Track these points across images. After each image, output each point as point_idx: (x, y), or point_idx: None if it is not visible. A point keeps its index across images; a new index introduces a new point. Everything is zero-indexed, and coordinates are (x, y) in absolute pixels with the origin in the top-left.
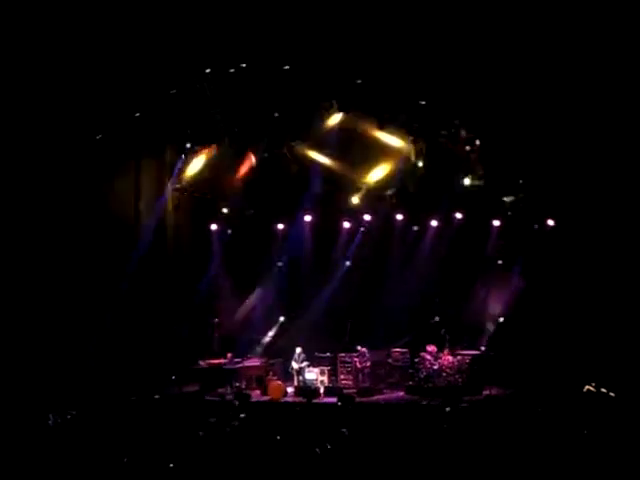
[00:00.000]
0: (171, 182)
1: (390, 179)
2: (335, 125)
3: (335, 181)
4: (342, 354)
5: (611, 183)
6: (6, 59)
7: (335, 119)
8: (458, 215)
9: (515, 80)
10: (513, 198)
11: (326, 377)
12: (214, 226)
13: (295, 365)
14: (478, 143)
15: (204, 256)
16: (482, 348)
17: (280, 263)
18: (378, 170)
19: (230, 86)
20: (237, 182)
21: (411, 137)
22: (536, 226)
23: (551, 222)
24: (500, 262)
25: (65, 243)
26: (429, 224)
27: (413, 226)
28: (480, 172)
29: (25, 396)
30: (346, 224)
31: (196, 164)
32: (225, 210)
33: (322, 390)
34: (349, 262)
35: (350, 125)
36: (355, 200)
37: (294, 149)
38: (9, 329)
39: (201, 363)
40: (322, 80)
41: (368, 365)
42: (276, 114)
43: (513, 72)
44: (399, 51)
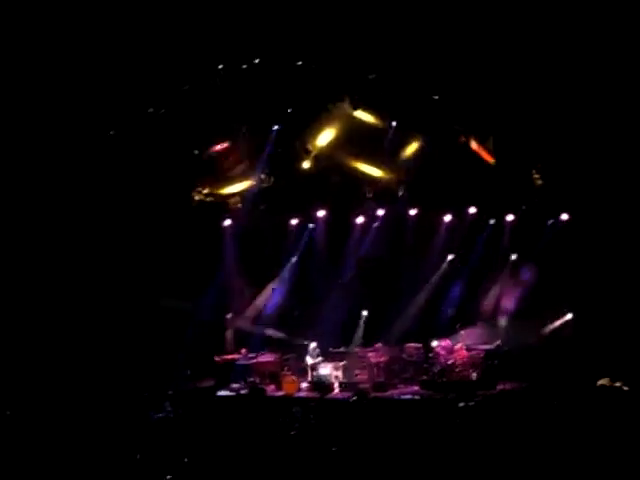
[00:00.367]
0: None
1: (403, 174)
2: (347, 120)
3: (349, 176)
4: (357, 349)
5: (625, 177)
6: (18, 56)
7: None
8: (471, 210)
9: (529, 72)
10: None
11: (340, 372)
12: (227, 221)
13: (309, 360)
14: (491, 138)
15: (217, 252)
16: (496, 343)
17: (294, 258)
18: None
19: (243, 82)
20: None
21: (422, 132)
22: (550, 221)
23: (565, 216)
24: (514, 257)
25: (77, 238)
26: (442, 219)
27: (426, 221)
28: (494, 167)
29: (36, 393)
30: (359, 219)
31: (209, 159)
32: (238, 205)
33: (336, 385)
34: (362, 257)
35: (363, 120)
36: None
37: (308, 144)
38: (32, 322)
39: (216, 359)
40: (334, 75)
41: (383, 360)
42: (289, 109)
43: (528, 63)
44: (412, 46)
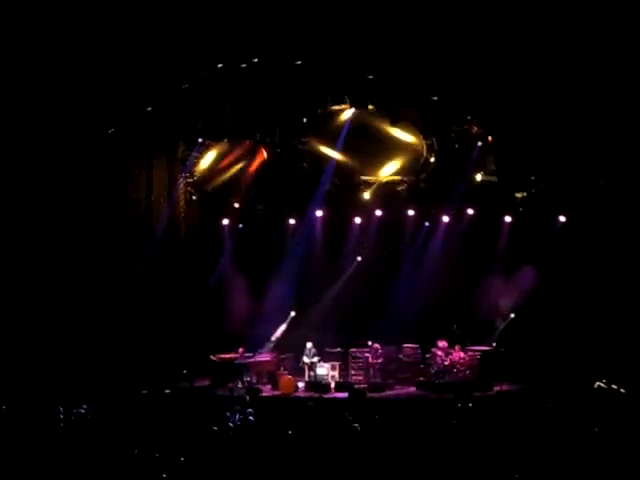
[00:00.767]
0: (183, 177)
1: (401, 174)
2: (347, 120)
3: (347, 176)
4: (353, 349)
5: (623, 178)
6: (17, 56)
7: (347, 114)
8: (470, 211)
9: (527, 75)
10: (525, 194)
11: (337, 372)
12: (225, 221)
13: (306, 360)
14: (490, 139)
15: (215, 251)
16: (493, 344)
17: (291, 258)
18: (390, 165)
19: (242, 81)
20: (248, 177)
21: (423, 132)
22: (548, 222)
23: (563, 218)
24: (512, 258)
25: (78, 238)
26: (440, 219)
27: (425, 221)
28: (492, 168)
29: (37, 390)
30: (357, 220)
31: (208, 159)
32: (236, 205)
33: (333, 385)
34: (360, 257)
35: (362, 120)
36: (367, 196)
37: (306, 144)
38: (22, 324)
39: (212, 358)
40: (334, 75)
41: (380, 361)
42: (288, 109)
43: (525, 67)
44: (411, 47)
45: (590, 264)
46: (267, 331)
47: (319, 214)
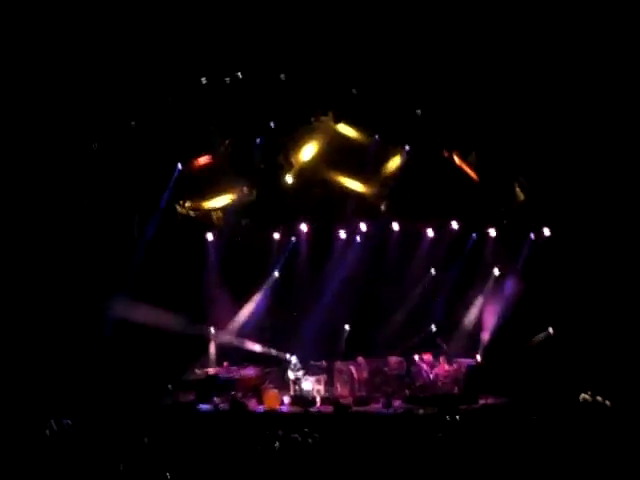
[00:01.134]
0: (167, 191)
1: (385, 188)
2: (330, 134)
3: (331, 190)
4: (338, 363)
5: (609, 190)
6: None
7: (330, 128)
8: (454, 224)
9: (511, 87)
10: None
11: (322, 386)
12: (210, 235)
13: (291, 374)
14: (474, 153)
15: (200, 265)
16: (478, 357)
17: (276, 272)
18: (373, 179)
19: (226, 95)
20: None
21: (405, 146)
22: (532, 235)
23: (547, 231)
24: (496, 271)
25: (64, 251)
26: (424, 232)
27: (408, 235)
28: (476, 180)
29: (21, 403)
30: (342, 233)
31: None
32: (221, 219)
33: (318, 399)
34: (345, 271)
35: (344, 134)
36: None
37: (290, 159)
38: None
39: (197, 372)
40: (317, 89)
41: (365, 375)
42: (272, 123)
43: (510, 78)
44: (394, 60)
45: (575, 277)
46: (252, 345)
47: (304, 228)
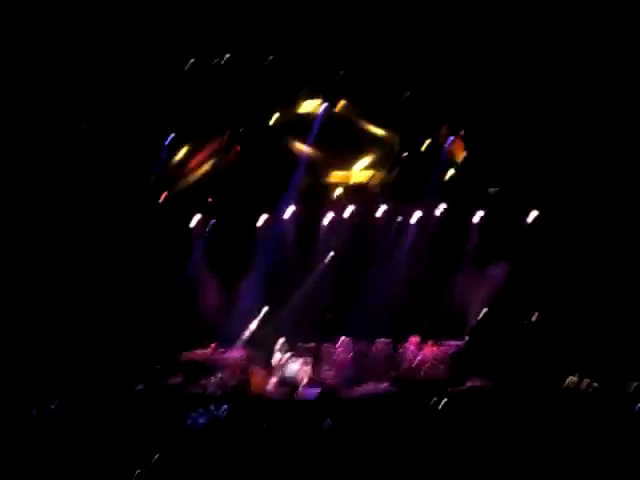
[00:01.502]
0: (153, 174)
1: (373, 169)
2: (319, 115)
3: (319, 172)
4: (326, 345)
5: (598, 173)
6: None
7: (319, 109)
8: (441, 206)
9: (500, 67)
10: (497, 189)
11: (309, 368)
12: (196, 217)
13: (278, 356)
14: (462, 133)
15: (186, 248)
16: (465, 339)
17: (263, 255)
18: (362, 160)
19: (213, 77)
20: (220, 174)
21: (394, 128)
22: (520, 217)
23: (534, 213)
24: (483, 253)
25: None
26: (412, 215)
27: (396, 217)
28: (463, 163)
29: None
30: (329, 215)
31: (178, 157)
32: (208, 201)
33: (305, 381)
34: (332, 253)
35: (334, 115)
36: (338, 192)
37: (277, 140)
38: None
39: (184, 354)
40: (307, 70)
41: (351, 356)
42: (259, 105)
43: (499, 57)
44: (382, 42)
45: (563, 258)
46: (239, 327)
47: (291, 211)
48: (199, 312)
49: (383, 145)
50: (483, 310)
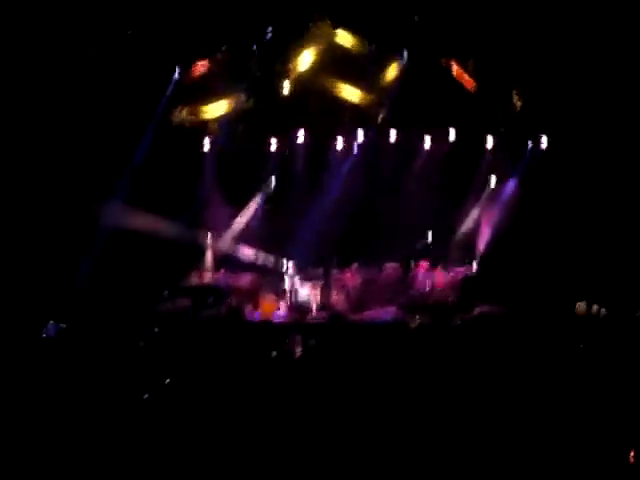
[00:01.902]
0: (164, 98)
1: (383, 97)
2: (327, 41)
3: (328, 99)
4: (335, 270)
5: (608, 97)
6: None
7: (328, 35)
8: (451, 132)
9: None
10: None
11: (318, 293)
12: (207, 142)
13: (288, 281)
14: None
15: (196, 173)
16: (474, 265)
17: (273, 179)
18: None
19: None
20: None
21: (403, 54)
22: (530, 143)
23: (546, 138)
24: (494, 179)
25: (57, 157)
26: (422, 142)
27: (406, 145)
28: (474, 88)
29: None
30: (339, 142)
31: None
32: (216, 127)
33: (314, 306)
34: (342, 180)
35: (340, 40)
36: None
37: (286, 67)
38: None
39: (193, 279)
40: None
41: (360, 282)
42: (268, 29)
43: None
44: None
45: (574, 185)
46: (249, 252)
47: (301, 136)
48: (209, 237)
49: (390, 70)
50: (493, 236)
